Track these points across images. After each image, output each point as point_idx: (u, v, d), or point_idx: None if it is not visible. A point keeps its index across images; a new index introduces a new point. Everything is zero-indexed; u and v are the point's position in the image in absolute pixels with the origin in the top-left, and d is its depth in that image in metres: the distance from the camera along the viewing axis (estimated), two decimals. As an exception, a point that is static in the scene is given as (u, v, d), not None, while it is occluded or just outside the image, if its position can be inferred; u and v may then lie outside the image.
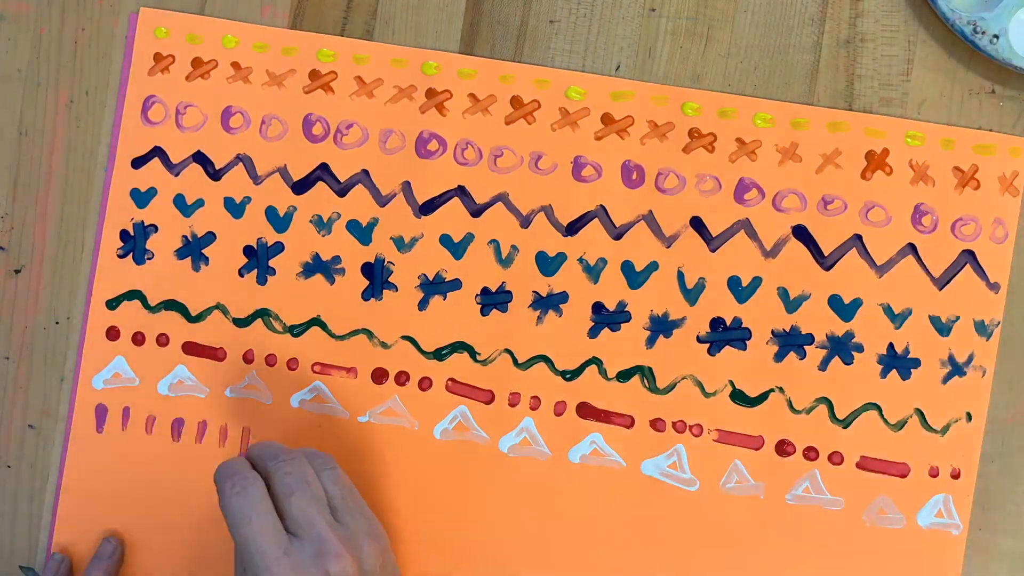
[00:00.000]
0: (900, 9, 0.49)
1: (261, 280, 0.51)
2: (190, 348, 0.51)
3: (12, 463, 0.52)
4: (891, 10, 0.49)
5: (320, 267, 0.51)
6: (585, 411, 0.50)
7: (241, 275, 0.51)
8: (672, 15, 0.50)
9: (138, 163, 0.51)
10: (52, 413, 0.52)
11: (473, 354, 0.50)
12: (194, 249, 0.51)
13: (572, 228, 0.50)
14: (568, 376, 0.50)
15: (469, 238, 0.50)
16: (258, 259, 0.51)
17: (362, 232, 0.51)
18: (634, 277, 0.50)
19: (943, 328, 0.49)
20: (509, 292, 0.50)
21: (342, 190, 0.51)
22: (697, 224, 0.50)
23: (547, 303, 0.50)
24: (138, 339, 0.51)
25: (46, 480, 0.52)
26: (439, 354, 0.50)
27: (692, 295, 0.50)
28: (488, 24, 0.51)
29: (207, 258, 0.51)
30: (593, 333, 0.50)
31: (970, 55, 0.49)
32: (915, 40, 0.49)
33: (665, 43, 0.50)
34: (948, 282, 0.49)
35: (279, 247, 0.51)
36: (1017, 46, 0.47)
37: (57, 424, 0.52)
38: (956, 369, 0.49)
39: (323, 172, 0.51)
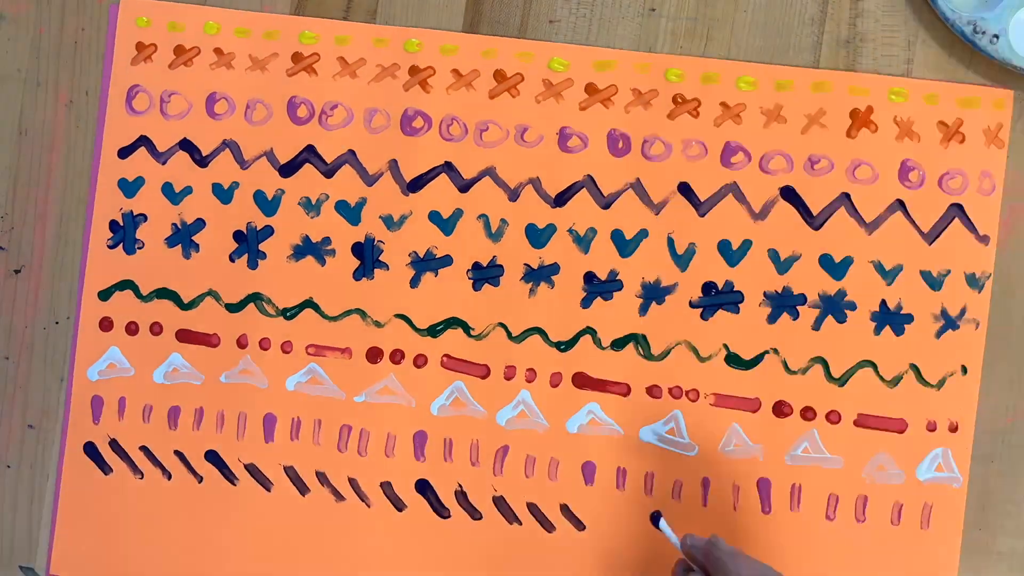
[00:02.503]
0: (900, 9, 0.49)
1: (252, 264, 0.51)
2: (184, 335, 0.51)
3: (12, 463, 0.52)
4: (891, 10, 0.49)
5: (310, 249, 0.51)
6: (581, 381, 0.50)
7: (232, 260, 0.51)
8: (672, 15, 0.50)
9: (124, 153, 0.51)
10: (52, 413, 0.52)
11: (467, 329, 0.50)
12: (184, 236, 0.51)
13: (560, 199, 0.50)
14: (562, 347, 0.50)
15: (458, 214, 0.50)
16: (248, 244, 0.51)
17: (351, 212, 0.51)
18: (624, 245, 0.50)
19: (934, 282, 0.49)
20: (500, 266, 0.50)
21: (329, 171, 0.51)
22: (685, 190, 0.50)
23: (539, 275, 0.50)
24: (131, 329, 0.51)
25: (46, 480, 0.52)
26: (433, 331, 0.50)
27: (683, 261, 0.50)
28: (488, 24, 0.51)
29: (197, 245, 0.51)
30: (586, 303, 0.50)
31: (970, 55, 0.49)
32: (915, 40, 0.49)
33: (665, 43, 0.50)
34: (937, 236, 0.49)
35: (269, 231, 0.51)
36: (1017, 46, 0.47)
37: (57, 424, 0.52)
38: (949, 323, 0.49)
39: (309, 154, 0.51)
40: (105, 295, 0.51)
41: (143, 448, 0.51)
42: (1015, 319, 0.49)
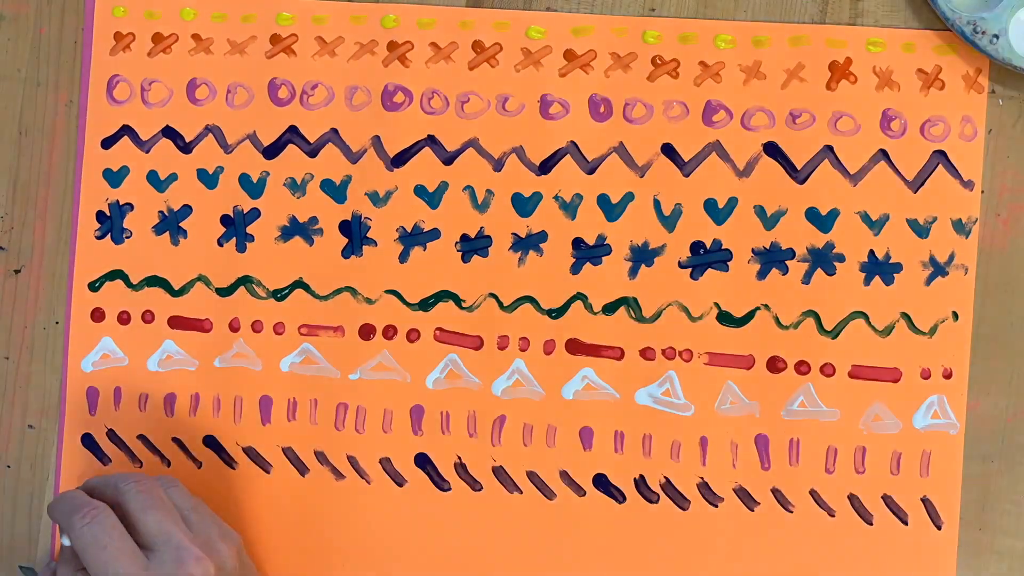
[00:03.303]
0: (900, 9, 0.49)
1: (240, 248, 0.51)
2: (176, 322, 0.51)
3: (12, 463, 0.52)
4: (891, 10, 0.49)
5: (298, 229, 0.51)
6: (574, 347, 0.50)
7: (220, 245, 0.51)
8: (672, 15, 0.50)
9: (108, 143, 0.52)
10: (52, 413, 0.52)
11: (458, 301, 0.50)
12: (171, 223, 0.51)
13: (545, 167, 0.50)
14: (554, 314, 0.50)
15: (443, 187, 0.50)
16: (236, 227, 0.51)
17: (336, 191, 0.51)
18: (611, 209, 0.50)
19: (921, 230, 0.49)
20: (488, 236, 0.50)
21: (313, 151, 0.51)
22: (668, 151, 0.50)
23: (527, 244, 0.50)
24: (123, 318, 0.51)
25: (46, 480, 0.52)
26: (424, 305, 0.50)
27: (670, 222, 0.50)
28: (488, 22, 0.51)
29: (185, 231, 0.51)
30: (575, 269, 0.50)
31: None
32: (915, 40, 0.49)
33: (666, 45, 0.50)
34: (922, 184, 0.49)
35: (255, 213, 0.51)
36: (1017, 46, 0.47)
37: (57, 423, 0.52)
38: (938, 269, 0.49)
39: (292, 135, 0.51)
40: (95, 286, 0.51)
41: (141, 437, 0.51)
42: (1015, 319, 0.49)
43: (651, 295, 0.50)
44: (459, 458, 0.50)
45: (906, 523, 0.49)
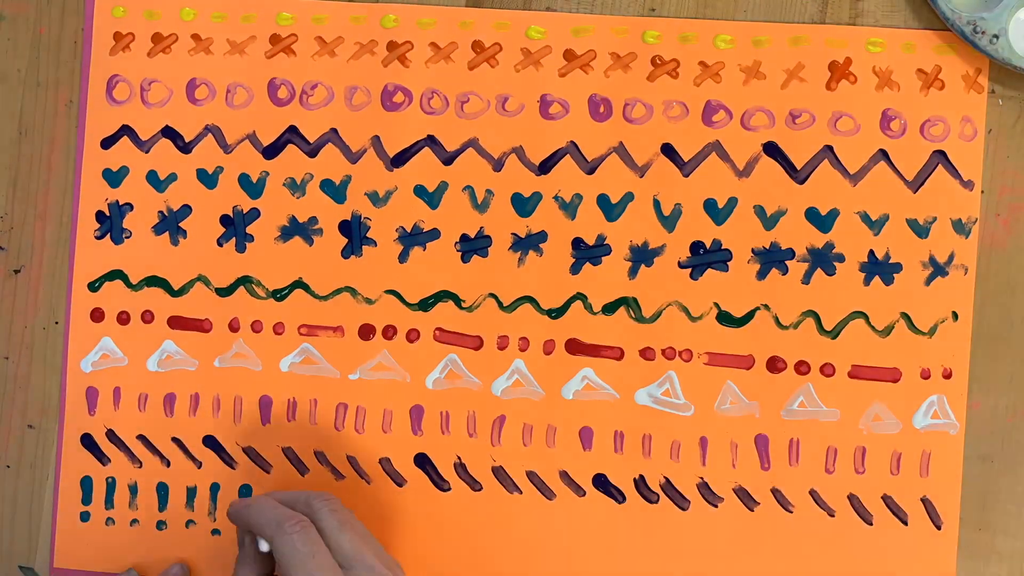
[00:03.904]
0: (900, 9, 0.49)
1: (240, 248, 0.51)
2: (175, 322, 0.51)
3: (12, 463, 0.52)
4: (891, 10, 0.49)
5: (298, 229, 0.51)
6: (574, 347, 0.50)
7: (220, 245, 0.51)
8: (672, 15, 0.50)
9: (107, 143, 0.51)
10: (52, 413, 0.52)
11: (458, 301, 0.50)
12: (171, 224, 0.51)
13: (544, 167, 0.50)
14: (554, 314, 0.50)
15: (443, 187, 0.50)
16: (235, 227, 0.51)
17: (336, 191, 0.51)
18: (610, 209, 0.50)
19: (921, 230, 0.49)
20: (488, 236, 0.50)
21: (312, 151, 0.51)
22: (668, 151, 0.50)
23: (527, 244, 0.50)
24: (123, 318, 0.51)
25: (46, 480, 0.52)
26: (424, 305, 0.50)
27: (669, 222, 0.50)
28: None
29: (184, 231, 0.51)
30: (575, 269, 0.50)
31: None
32: (914, 40, 0.49)
33: (665, 45, 0.50)
34: (922, 184, 0.49)
35: (255, 213, 0.51)
36: (1017, 46, 0.47)
37: (57, 423, 0.52)
38: (938, 270, 0.49)
39: (292, 135, 0.51)
40: (95, 286, 0.51)
41: (141, 437, 0.51)
42: (1015, 319, 0.49)
43: (651, 295, 0.50)
44: (459, 458, 0.50)
45: (906, 523, 0.49)
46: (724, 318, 0.49)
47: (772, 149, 0.49)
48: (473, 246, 0.50)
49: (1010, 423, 0.49)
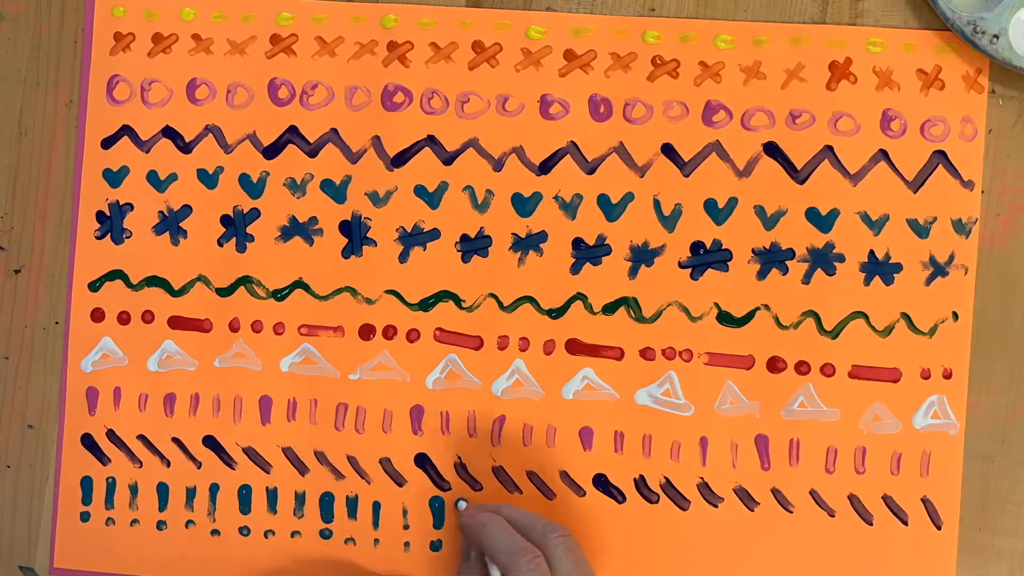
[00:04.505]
0: (900, 9, 0.49)
1: (240, 248, 0.51)
2: (175, 322, 0.51)
3: (12, 463, 0.52)
4: (891, 10, 0.49)
5: (298, 229, 0.51)
6: (574, 347, 0.50)
7: (220, 245, 0.51)
8: (672, 15, 0.50)
9: (107, 143, 0.52)
10: (52, 413, 0.52)
11: (458, 301, 0.50)
12: (171, 224, 0.51)
13: (545, 167, 0.50)
14: (554, 314, 0.50)
15: (443, 187, 0.50)
16: (236, 227, 0.51)
17: (336, 191, 0.51)
18: (611, 209, 0.50)
19: (921, 230, 0.49)
20: (488, 236, 0.50)
21: (312, 151, 0.51)
22: (668, 151, 0.50)
23: (527, 244, 0.50)
24: (123, 318, 0.51)
25: (46, 480, 0.52)
26: (424, 305, 0.50)
27: (670, 222, 0.50)
28: (488, 20, 0.51)
29: (185, 231, 0.51)
30: (575, 269, 0.50)
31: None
32: (914, 40, 0.49)
33: (665, 45, 0.50)
34: (922, 184, 0.49)
35: (255, 213, 0.51)
36: (1017, 46, 0.47)
37: (57, 423, 0.52)
38: (938, 270, 0.49)
39: (292, 135, 0.51)
40: (95, 286, 0.51)
41: (141, 437, 0.51)
42: (1015, 319, 0.49)
43: (651, 295, 0.50)
44: (459, 458, 0.50)
45: (906, 523, 0.49)
46: (724, 318, 0.49)
47: (772, 149, 0.49)
48: (473, 246, 0.50)
49: (1010, 423, 0.49)
